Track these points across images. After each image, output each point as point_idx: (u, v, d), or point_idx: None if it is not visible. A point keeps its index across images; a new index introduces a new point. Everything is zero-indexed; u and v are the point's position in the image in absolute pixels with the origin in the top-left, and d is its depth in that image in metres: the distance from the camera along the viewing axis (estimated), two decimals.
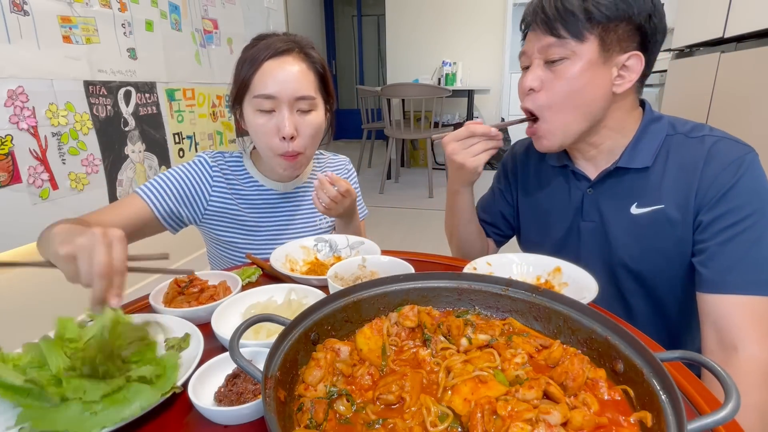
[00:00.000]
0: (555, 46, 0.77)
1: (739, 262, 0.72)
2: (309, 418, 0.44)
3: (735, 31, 1.65)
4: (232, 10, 2.59)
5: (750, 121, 1.55)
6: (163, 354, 0.58)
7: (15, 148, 1.44)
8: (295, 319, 0.52)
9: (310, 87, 0.95)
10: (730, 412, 0.38)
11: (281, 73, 0.92)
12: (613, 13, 0.73)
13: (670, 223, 0.79)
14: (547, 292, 0.59)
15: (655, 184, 0.81)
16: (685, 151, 0.80)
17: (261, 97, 0.92)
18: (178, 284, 0.77)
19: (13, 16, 1.42)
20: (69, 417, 0.47)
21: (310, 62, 0.97)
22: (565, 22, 0.75)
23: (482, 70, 5.24)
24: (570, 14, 0.74)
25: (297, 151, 0.95)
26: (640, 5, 0.74)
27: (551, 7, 0.76)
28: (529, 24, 0.82)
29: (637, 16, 0.74)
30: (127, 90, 1.88)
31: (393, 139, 4.33)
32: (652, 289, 0.85)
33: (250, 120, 0.96)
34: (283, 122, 0.92)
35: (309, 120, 0.95)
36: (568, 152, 0.92)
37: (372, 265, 0.84)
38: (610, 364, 0.50)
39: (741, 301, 0.71)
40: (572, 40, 0.75)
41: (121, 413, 0.47)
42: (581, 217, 0.90)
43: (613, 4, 0.73)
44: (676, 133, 0.82)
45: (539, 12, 0.78)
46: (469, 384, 0.48)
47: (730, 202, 0.74)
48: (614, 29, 0.75)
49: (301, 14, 6.31)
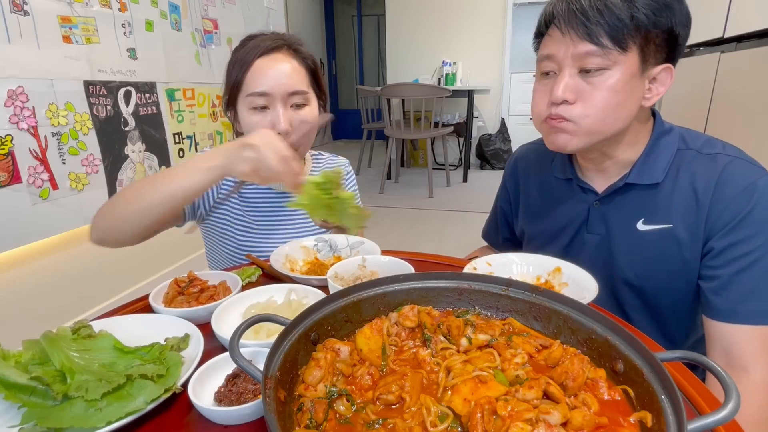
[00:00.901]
0: (595, 55, 0.70)
1: (752, 293, 0.71)
2: (309, 418, 0.44)
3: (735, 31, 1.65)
4: (232, 10, 2.59)
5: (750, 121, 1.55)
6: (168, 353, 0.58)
7: (15, 148, 1.44)
8: (295, 319, 0.52)
9: (302, 82, 0.96)
10: (730, 412, 0.38)
11: (272, 70, 0.92)
12: (658, 20, 0.68)
13: (677, 244, 0.78)
14: (547, 292, 0.59)
15: (665, 201, 0.79)
16: (697, 169, 0.77)
17: (254, 95, 0.92)
18: (178, 284, 0.77)
19: (13, 16, 1.42)
20: (74, 414, 0.47)
21: (300, 58, 0.98)
22: (609, 28, 0.68)
23: (482, 70, 5.24)
24: (615, 19, 0.67)
25: (292, 146, 0.95)
26: (678, 14, 0.70)
27: (592, 9, 0.68)
28: (557, 24, 0.73)
29: (677, 26, 0.70)
30: (127, 90, 1.88)
31: (393, 139, 4.33)
32: (653, 305, 0.84)
33: (244, 119, 0.96)
34: (277, 118, 0.92)
35: (303, 115, 0.96)
36: (575, 163, 0.90)
37: (372, 265, 0.84)
38: (610, 364, 0.50)
39: (752, 331, 0.71)
40: (615, 49, 0.69)
41: (125, 408, 0.48)
42: (586, 229, 0.88)
43: (658, 10, 0.68)
44: (688, 148, 0.79)
45: (576, 13, 0.69)
46: (469, 384, 0.48)
47: (744, 230, 0.72)
48: (654, 39, 0.70)
49: (301, 14, 6.31)
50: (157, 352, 0.57)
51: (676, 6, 0.70)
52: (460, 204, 3.94)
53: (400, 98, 4.32)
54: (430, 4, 5.22)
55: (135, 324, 0.65)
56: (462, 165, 4.88)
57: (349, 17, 7.49)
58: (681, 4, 0.71)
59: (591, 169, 0.87)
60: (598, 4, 0.69)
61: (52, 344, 0.54)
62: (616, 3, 0.68)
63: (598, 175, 0.86)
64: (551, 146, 0.81)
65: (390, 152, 4.44)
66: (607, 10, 0.68)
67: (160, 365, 0.54)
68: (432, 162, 4.37)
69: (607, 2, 0.68)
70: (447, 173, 4.64)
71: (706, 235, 0.76)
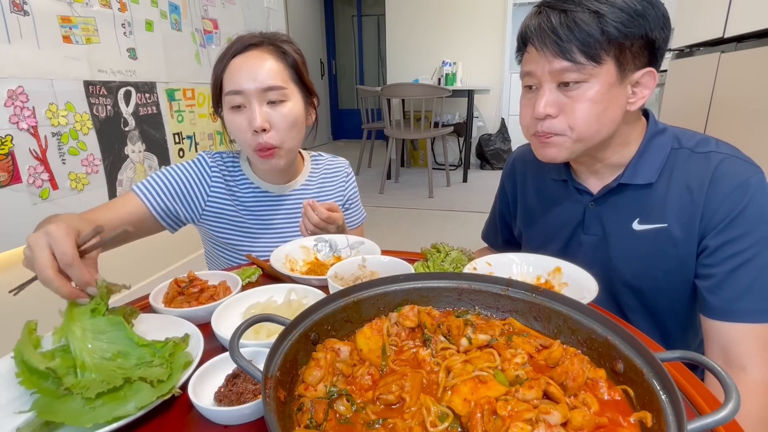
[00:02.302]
0: (570, 71, 0.71)
1: (748, 291, 0.71)
2: (309, 418, 0.44)
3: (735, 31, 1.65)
4: (232, 10, 2.59)
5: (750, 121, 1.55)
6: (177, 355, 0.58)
7: (15, 148, 1.44)
8: (295, 319, 0.52)
9: (277, 77, 0.93)
10: (730, 412, 0.38)
11: (246, 66, 0.91)
12: (630, 31, 0.69)
13: (673, 243, 0.78)
14: (547, 292, 0.59)
15: (659, 201, 0.79)
16: (691, 168, 0.77)
17: (231, 94, 0.92)
18: (178, 284, 0.77)
19: (13, 16, 1.42)
20: (70, 410, 0.49)
21: (280, 53, 0.95)
22: (581, 44, 0.69)
23: (482, 70, 5.24)
24: (585, 35, 0.68)
25: (272, 144, 0.93)
26: (653, 18, 0.70)
27: (563, 27, 0.69)
28: (532, 42, 0.74)
29: (651, 31, 0.70)
30: (127, 90, 1.88)
31: (393, 139, 4.33)
32: (651, 306, 0.84)
33: (227, 119, 0.96)
34: (252, 114, 0.91)
35: (282, 112, 0.93)
36: (569, 166, 0.90)
37: (372, 265, 0.84)
38: (610, 364, 0.50)
39: (749, 329, 0.71)
40: (589, 64, 0.70)
41: (115, 411, 0.48)
42: (582, 230, 0.88)
43: (629, 21, 0.68)
44: (681, 147, 0.79)
45: (548, 32, 0.71)
46: (468, 384, 0.48)
47: (738, 228, 0.72)
48: (629, 47, 0.71)
49: (301, 14, 6.31)
50: (170, 348, 0.58)
51: (650, 12, 0.70)
52: (460, 204, 3.94)
53: (400, 98, 4.32)
54: (430, 4, 5.22)
55: (135, 324, 0.65)
56: (462, 165, 4.89)
57: (349, 17, 7.50)
58: (655, 8, 0.70)
59: (584, 172, 0.88)
60: (568, 21, 0.69)
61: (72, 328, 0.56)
62: (585, 19, 0.68)
63: (591, 176, 0.87)
64: (542, 159, 0.83)
65: (390, 152, 4.44)
66: (577, 27, 0.68)
67: (166, 368, 0.54)
68: (432, 162, 4.37)
69: (576, 19, 0.69)
70: (447, 173, 4.64)
71: (701, 234, 0.76)
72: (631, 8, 0.69)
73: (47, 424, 0.48)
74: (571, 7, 0.70)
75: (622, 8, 0.68)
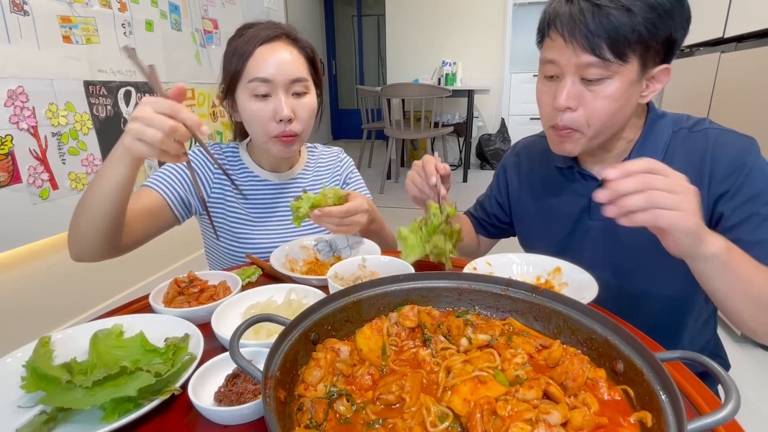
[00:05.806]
0: (596, 66, 0.71)
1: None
2: (309, 418, 0.44)
3: (735, 31, 1.65)
4: (232, 10, 2.59)
5: (750, 120, 1.55)
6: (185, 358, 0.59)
7: (15, 148, 1.44)
8: (295, 319, 0.52)
9: (303, 70, 0.97)
10: (730, 412, 0.38)
11: (274, 58, 0.93)
12: (658, 31, 0.69)
13: None
14: (547, 292, 0.59)
15: None
16: (690, 145, 0.80)
17: (257, 81, 0.92)
18: (178, 284, 0.77)
19: (13, 16, 1.42)
20: (72, 397, 0.50)
21: (300, 47, 0.99)
22: (611, 41, 0.68)
23: (482, 70, 5.23)
24: (615, 32, 0.68)
25: (294, 132, 0.97)
26: (678, 18, 0.70)
27: (594, 22, 0.68)
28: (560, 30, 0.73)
29: (675, 31, 0.71)
30: (127, 90, 1.88)
31: (393, 139, 4.32)
32: (660, 288, 0.84)
33: (245, 107, 0.96)
34: (280, 105, 0.93)
35: (304, 102, 0.97)
36: None
37: (372, 265, 0.84)
38: (610, 364, 0.50)
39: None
40: (616, 62, 0.70)
41: (115, 393, 0.50)
42: (589, 216, 0.89)
43: (658, 20, 0.68)
44: (680, 129, 0.82)
45: (579, 24, 0.70)
46: (468, 384, 0.48)
47: (749, 189, 0.73)
48: (653, 46, 0.71)
49: (301, 14, 6.31)
50: (171, 350, 0.58)
51: (677, 11, 0.70)
52: (460, 204, 3.87)
53: (400, 98, 4.32)
54: (430, 4, 5.21)
55: (135, 324, 0.65)
56: (462, 165, 4.88)
57: (349, 17, 7.49)
58: (682, 5, 0.71)
59: (589, 161, 0.89)
60: (601, 16, 0.69)
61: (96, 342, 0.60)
62: (617, 17, 0.68)
63: (597, 164, 0.88)
64: (557, 152, 0.84)
65: (390, 152, 4.44)
66: (609, 22, 0.68)
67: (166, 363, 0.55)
68: None
69: (609, 15, 0.68)
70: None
71: (712, 203, 0.76)
72: (661, 7, 0.69)
73: (47, 424, 0.49)
74: (604, 2, 0.69)
75: (653, 6, 0.69)
